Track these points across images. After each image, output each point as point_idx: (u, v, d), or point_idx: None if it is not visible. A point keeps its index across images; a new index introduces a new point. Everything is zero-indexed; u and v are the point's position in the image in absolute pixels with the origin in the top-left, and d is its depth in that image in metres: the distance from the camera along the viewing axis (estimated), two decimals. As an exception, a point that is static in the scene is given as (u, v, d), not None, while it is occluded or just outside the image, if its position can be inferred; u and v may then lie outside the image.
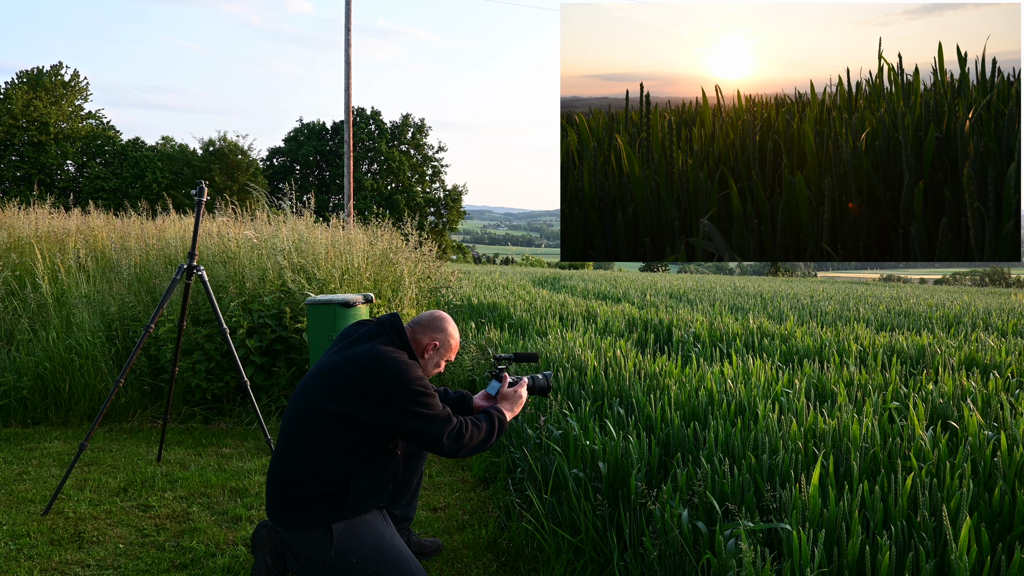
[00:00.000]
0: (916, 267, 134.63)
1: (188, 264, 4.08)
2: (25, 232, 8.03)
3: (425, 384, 2.52)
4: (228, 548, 3.23)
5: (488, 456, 4.48)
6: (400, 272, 7.31)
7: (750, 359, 4.95)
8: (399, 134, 55.32)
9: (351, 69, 17.39)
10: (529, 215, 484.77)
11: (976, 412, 3.24)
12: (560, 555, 2.90)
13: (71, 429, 5.18)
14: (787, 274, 64.24)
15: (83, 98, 46.47)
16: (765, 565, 2.09)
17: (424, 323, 2.76)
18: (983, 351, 5.37)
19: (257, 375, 5.50)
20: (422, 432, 2.49)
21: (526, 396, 2.97)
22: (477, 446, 2.61)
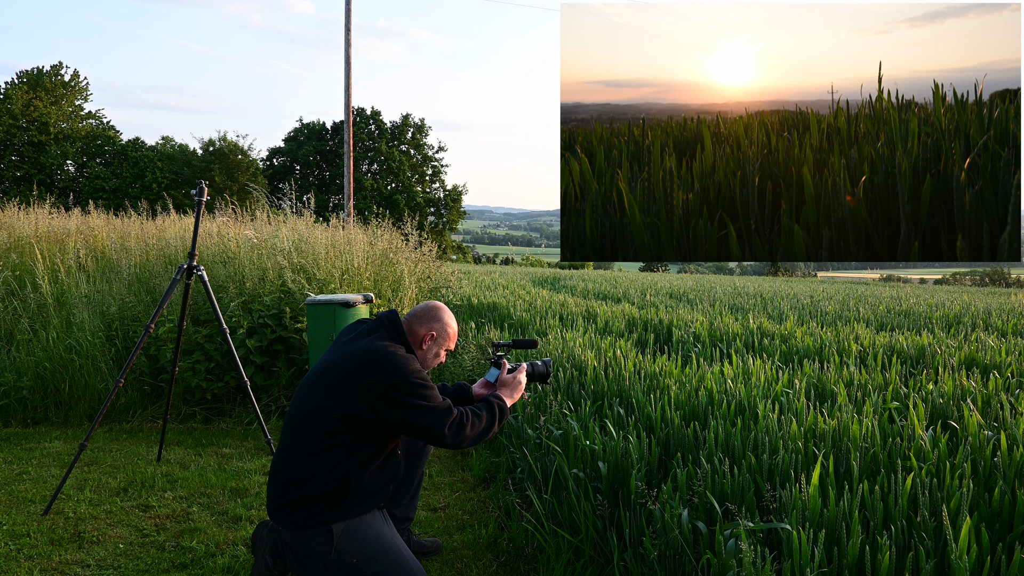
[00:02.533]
0: (916, 267, 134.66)
1: (188, 264, 4.08)
2: (25, 232, 8.03)
3: (423, 377, 2.51)
4: (228, 548, 3.23)
5: (488, 456, 4.48)
6: (400, 272, 7.31)
7: (750, 359, 4.95)
8: (399, 134, 55.30)
9: (351, 69, 17.40)
10: (529, 215, 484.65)
11: (976, 412, 3.24)
12: (560, 555, 2.89)
13: (71, 429, 5.18)
14: (787, 274, 64.23)
15: (83, 98, 46.48)
16: (765, 565, 2.09)
17: (419, 314, 2.74)
18: (983, 351, 5.37)
19: (257, 375, 5.50)
20: (423, 425, 2.48)
21: (525, 382, 2.96)
22: (479, 435, 2.60)
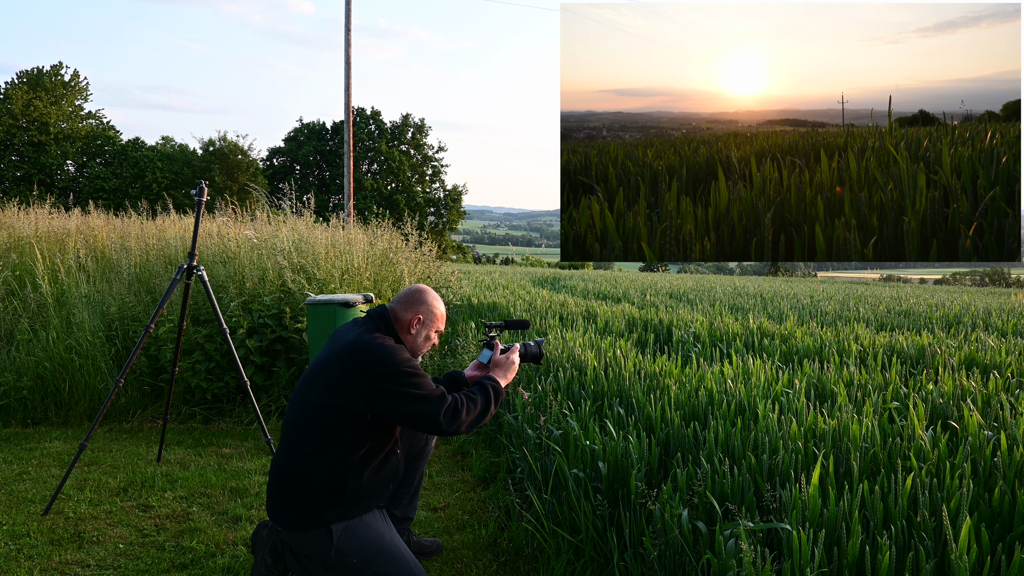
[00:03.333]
0: (916, 267, 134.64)
1: (188, 264, 4.08)
2: (25, 232, 8.03)
3: (414, 365, 2.50)
4: (228, 548, 3.23)
5: (488, 456, 4.48)
6: (400, 272, 7.31)
7: (750, 359, 4.95)
8: (399, 134, 55.30)
9: (351, 69, 17.39)
10: (529, 215, 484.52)
11: (976, 412, 3.24)
12: (560, 555, 2.89)
13: (71, 429, 5.18)
14: (787, 274, 64.20)
15: (83, 98, 46.48)
16: (765, 565, 2.09)
17: (403, 300, 2.72)
18: (983, 351, 5.37)
19: (257, 375, 5.50)
20: (417, 414, 2.45)
21: (519, 362, 2.95)
22: (476, 420, 2.58)
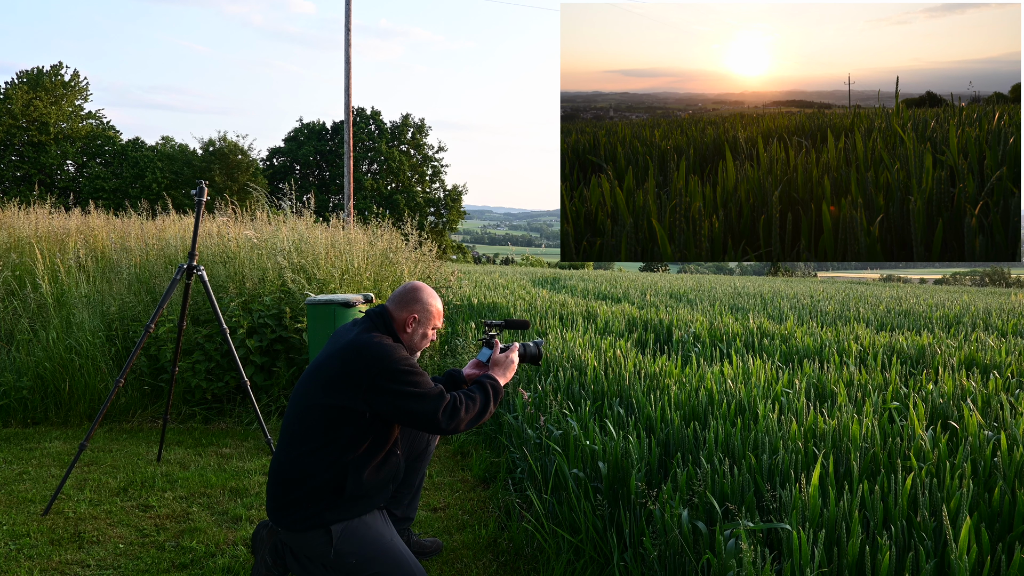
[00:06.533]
0: (916, 267, 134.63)
1: (188, 264, 4.08)
2: (25, 232, 8.03)
3: (411, 363, 2.50)
4: (228, 548, 3.23)
5: (488, 456, 4.48)
6: (400, 272, 7.31)
7: (750, 359, 4.95)
8: (399, 134, 55.31)
9: (351, 69, 17.40)
10: (529, 215, 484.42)
11: (976, 412, 3.24)
12: (560, 555, 2.89)
13: (71, 429, 5.18)
14: (787, 274, 64.21)
15: (83, 98, 46.49)
16: (765, 565, 2.09)
17: (398, 298, 2.72)
18: (983, 351, 5.36)
19: (257, 375, 5.50)
20: (416, 412, 2.45)
21: (518, 361, 2.95)
22: (475, 418, 2.57)
